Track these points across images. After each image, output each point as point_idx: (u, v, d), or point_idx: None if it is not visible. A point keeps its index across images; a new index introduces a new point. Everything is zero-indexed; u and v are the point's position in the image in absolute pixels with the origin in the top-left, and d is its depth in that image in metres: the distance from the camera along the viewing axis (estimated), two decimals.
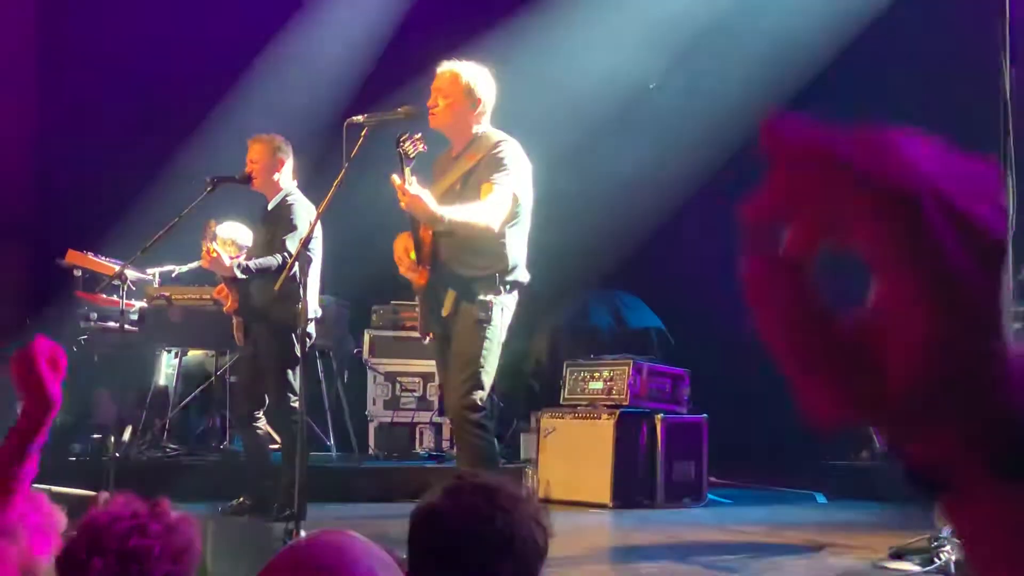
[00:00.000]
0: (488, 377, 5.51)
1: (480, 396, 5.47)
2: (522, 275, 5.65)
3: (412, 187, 5.25)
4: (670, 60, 11.02)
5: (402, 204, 5.33)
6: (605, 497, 8.46)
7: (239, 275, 7.06)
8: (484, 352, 5.47)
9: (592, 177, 11.38)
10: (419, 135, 5.38)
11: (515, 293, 5.65)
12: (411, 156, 5.28)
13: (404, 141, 5.28)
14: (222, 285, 7.41)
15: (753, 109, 10.76)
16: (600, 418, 8.69)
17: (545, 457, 8.94)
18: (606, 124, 11.19)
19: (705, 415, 8.93)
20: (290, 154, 7.40)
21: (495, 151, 5.56)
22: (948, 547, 4.71)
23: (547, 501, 8.52)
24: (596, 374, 9.07)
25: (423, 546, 2.21)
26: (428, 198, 5.29)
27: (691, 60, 11.00)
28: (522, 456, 9.62)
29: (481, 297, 5.49)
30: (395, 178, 5.26)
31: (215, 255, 7.01)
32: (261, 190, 7.37)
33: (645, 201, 11.59)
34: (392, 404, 10.21)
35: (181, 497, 6.99)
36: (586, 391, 9.08)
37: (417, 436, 10.20)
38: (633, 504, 8.46)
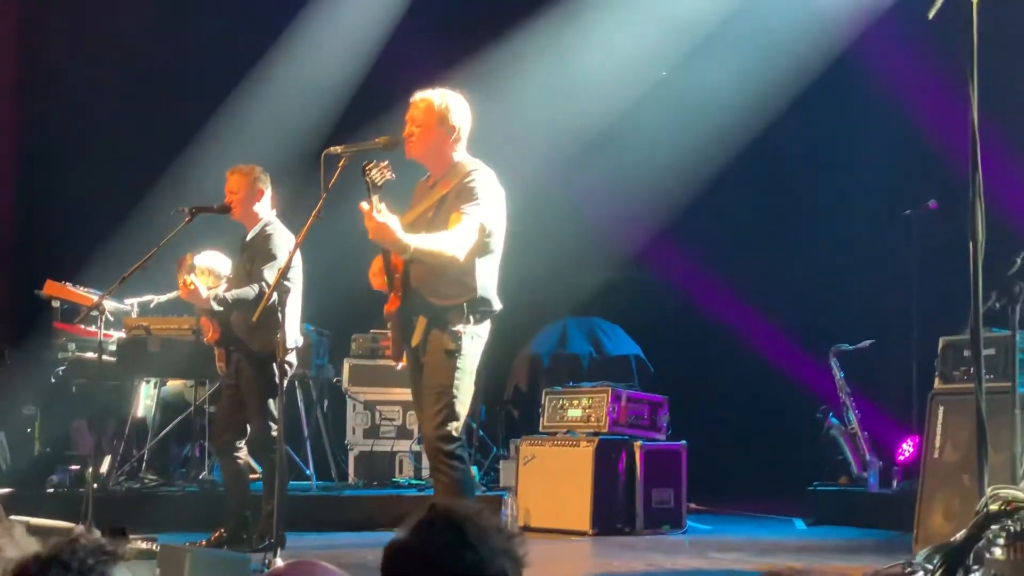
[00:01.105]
0: (462, 407, 5.51)
1: (455, 427, 5.46)
2: (493, 304, 5.64)
3: (380, 215, 5.24)
4: (650, 87, 11.10)
5: (369, 232, 5.32)
6: (584, 524, 8.46)
7: (216, 307, 7.08)
8: (456, 382, 5.47)
9: (571, 204, 11.45)
10: (385, 163, 5.38)
11: (486, 322, 5.64)
12: (378, 184, 5.28)
13: (370, 169, 5.29)
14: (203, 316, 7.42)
15: (731, 136, 10.88)
16: (579, 445, 8.70)
17: (525, 485, 8.95)
18: (585, 152, 11.25)
19: (684, 442, 8.94)
20: (269, 184, 7.42)
21: (467, 180, 5.57)
22: (921, 573, 4.73)
23: (527, 529, 8.54)
24: (575, 401, 9.09)
25: None
26: (395, 225, 5.27)
27: (668, 90, 11.08)
28: (502, 484, 9.61)
29: (451, 327, 5.49)
30: (363, 205, 5.26)
31: (192, 287, 7.02)
32: (240, 220, 7.39)
33: (624, 228, 11.65)
34: (372, 432, 10.21)
35: (160, 528, 7.02)
36: (565, 418, 9.10)
37: (397, 464, 10.20)
38: (612, 531, 8.47)
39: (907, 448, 9.43)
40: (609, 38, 10.96)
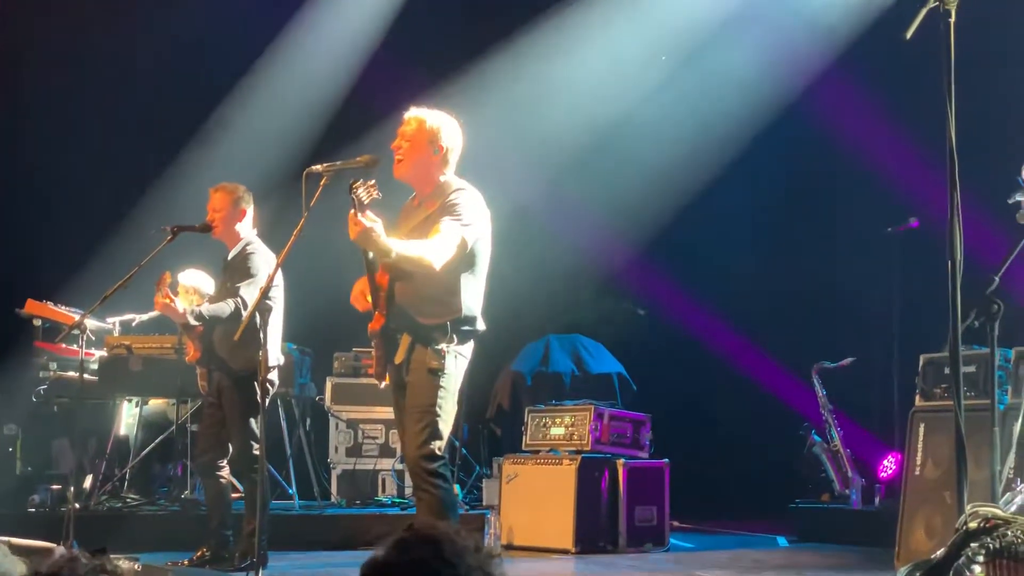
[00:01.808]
0: (445, 426, 5.50)
1: (438, 446, 5.45)
2: (478, 324, 5.63)
3: (365, 218, 5.24)
4: (630, 108, 11.14)
5: (352, 235, 5.32)
6: (568, 542, 8.47)
7: (192, 321, 7.06)
8: (439, 401, 5.46)
9: (553, 223, 11.48)
10: (372, 182, 5.37)
11: (470, 342, 5.64)
12: (365, 203, 5.28)
13: (357, 187, 5.29)
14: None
15: (714, 155, 10.94)
16: (562, 463, 8.71)
17: (508, 503, 8.95)
18: (567, 171, 11.29)
19: (667, 460, 8.96)
20: (251, 204, 7.41)
21: (451, 198, 5.56)
22: None
23: (510, 547, 8.54)
24: (558, 420, 9.10)
25: None
26: (379, 229, 5.28)
27: (652, 105, 11.12)
28: (485, 502, 9.61)
29: (435, 345, 5.49)
30: (352, 212, 5.26)
31: (168, 301, 7.00)
32: (222, 239, 7.38)
33: (606, 247, 11.69)
34: (354, 451, 10.20)
35: (142, 547, 7.00)
36: (548, 437, 9.10)
37: (380, 483, 10.19)
38: (596, 549, 8.48)
39: (889, 465, 9.46)
40: (592, 56, 11.00)
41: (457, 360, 5.53)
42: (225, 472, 7.32)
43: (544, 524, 8.63)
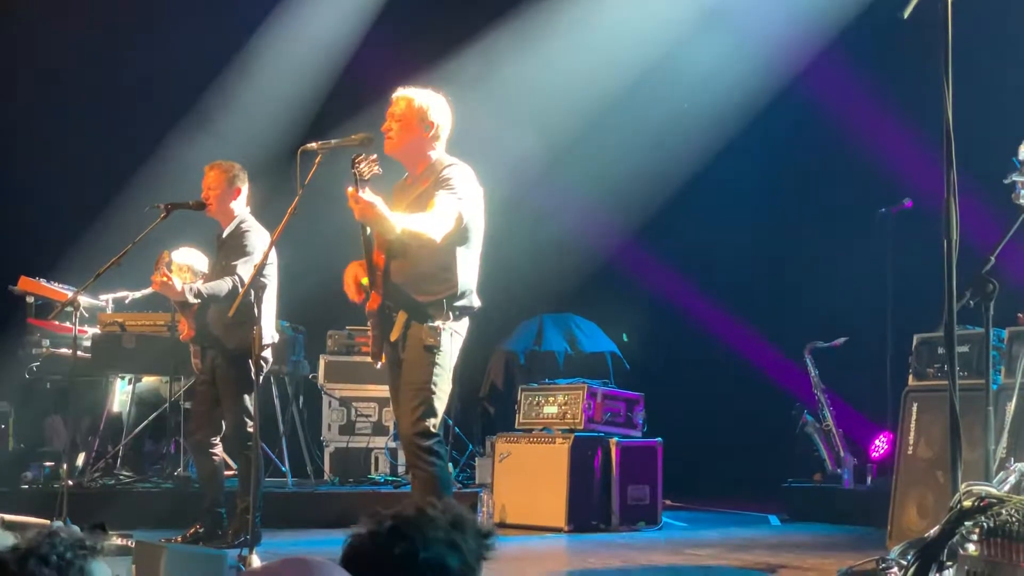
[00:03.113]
0: (440, 403, 5.51)
1: (432, 423, 5.46)
2: (473, 301, 5.64)
3: (366, 194, 5.25)
4: (628, 82, 11.12)
5: (355, 213, 5.32)
6: (560, 521, 8.49)
7: (190, 299, 7.04)
8: (435, 378, 5.47)
9: (548, 202, 11.47)
10: (374, 156, 5.38)
11: (465, 319, 5.65)
12: (366, 177, 5.28)
13: (360, 162, 5.28)
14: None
15: (705, 137, 10.95)
16: (555, 442, 8.72)
17: (500, 481, 8.97)
18: (563, 150, 11.28)
19: (660, 439, 8.97)
20: (246, 181, 7.39)
21: (443, 174, 5.57)
22: (895, 569, 4.76)
23: (502, 525, 8.56)
24: (551, 399, 9.10)
25: None
26: (382, 206, 5.28)
27: (646, 87, 11.11)
28: (477, 481, 9.63)
29: (431, 323, 5.49)
30: (349, 188, 5.26)
31: (166, 279, 6.98)
32: (217, 217, 7.36)
33: (601, 226, 11.68)
34: (347, 429, 10.21)
35: (135, 525, 7.00)
36: (541, 416, 9.12)
37: (373, 461, 10.20)
38: (588, 528, 8.50)
39: (881, 445, 9.48)
40: (589, 35, 10.98)
41: (452, 338, 5.54)
42: (218, 450, 7.33)
43: (537, 503, 8.65)
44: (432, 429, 5.45)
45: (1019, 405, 5.23)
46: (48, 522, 6.27)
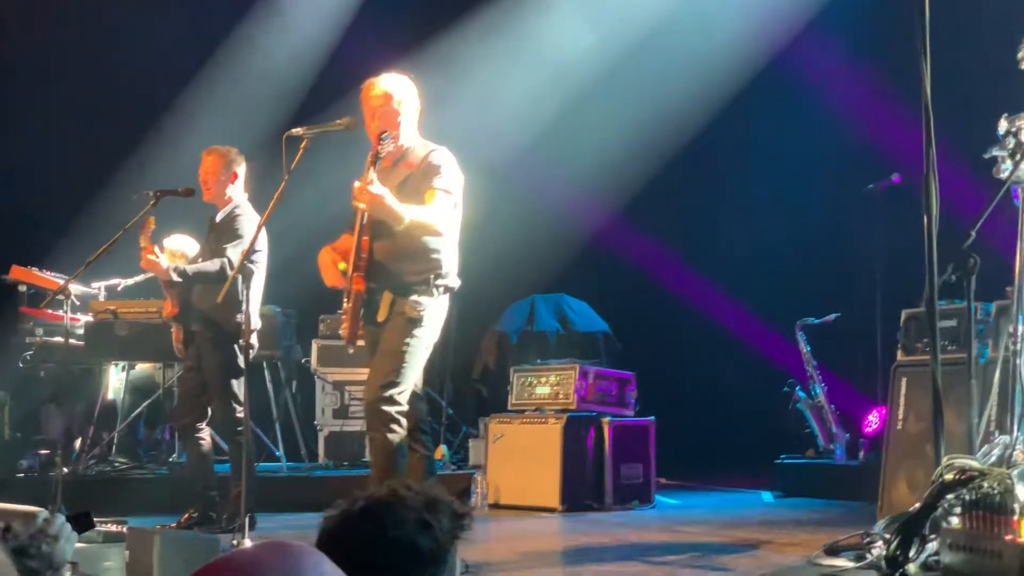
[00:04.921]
0: (411, 374, 5.54)
1: (400, 391, 5.47)
2: (455, 280, 5.71)
3: (374, 186, 5.31)
4: (616, 61, 11.12)
5: (363, 205, 5.36)
6: (554, 501, 8.52)
7: (175, 278, 7.05)
8: (410, 348, 5.51)
9: (538, 182, 11.47)
10: (396, 132, 5.51)
11: (446, 297, 5.70)
12: (381, 155, 5.39)
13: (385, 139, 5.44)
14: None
15: (690, 113, 10.95)
16: (548, 423, 8.75)
17: (494, 462, 8.99)
18: (551, 129, 11.28)
19: (652, 417, 9.00)
20: (243, 166, 7.39)
21: (431, 159, 5.62)
22: (880, 543, 4.79)
23: (496, 506, 8.59)
24: (543, 379, 9.13)
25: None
26: (390, 198, 5.34)
27: (634, 64, 11.10)
28: (471, 462, 9.66)
29: (415, 297, 5.54)
30: (355, 183, 5.32)
31: (153, 256, 6.98)
32: (212, 201, 7.35)
33: (590, 205, 11.70)
34: (341, 413, 10.23)
35: (130, 511, 7.04)
36: (533, 396, 9.14)
37: (366, 444, 10.20)
38: (582, 507, 8.53)
39: (873, 420, 9.51)
40: (573, 14, 10.98)
41: (435, 315, 5.59)
42: (205, 434, 7.32)
43: (530, 483, 8.67)
44: (397, 397, 5.46)
45: (1003, 378, 5.25)
46: (39, 510, 6.30)
